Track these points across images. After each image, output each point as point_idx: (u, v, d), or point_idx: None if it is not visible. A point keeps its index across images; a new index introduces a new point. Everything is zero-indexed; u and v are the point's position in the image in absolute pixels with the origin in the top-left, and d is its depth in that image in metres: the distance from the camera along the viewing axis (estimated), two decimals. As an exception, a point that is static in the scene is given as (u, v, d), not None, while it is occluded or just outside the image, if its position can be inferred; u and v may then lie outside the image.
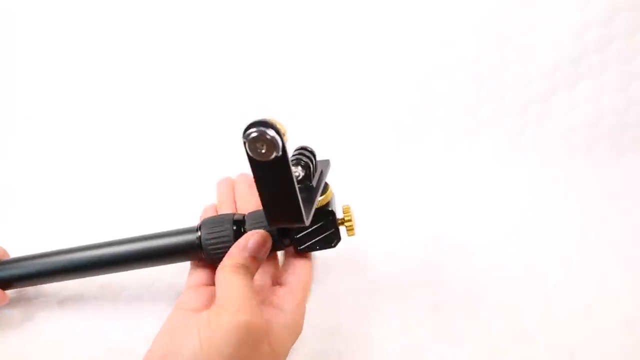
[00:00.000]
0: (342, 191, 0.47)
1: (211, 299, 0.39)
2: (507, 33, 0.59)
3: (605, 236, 0.54)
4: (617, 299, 0.48)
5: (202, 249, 0.41)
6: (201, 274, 0.42)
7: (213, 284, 0.40)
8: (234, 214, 0.42)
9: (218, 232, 0.40)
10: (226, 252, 0.40)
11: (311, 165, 0.38)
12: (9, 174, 0.59)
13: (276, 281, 0.42)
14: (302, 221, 0.33)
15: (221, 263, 0.38)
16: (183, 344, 0.33)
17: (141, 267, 0.43)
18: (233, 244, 0.39)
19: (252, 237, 0.38)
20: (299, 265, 0.41)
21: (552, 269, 0.51)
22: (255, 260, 0.38)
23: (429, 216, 0.57)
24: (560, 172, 0.60)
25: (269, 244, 0.39)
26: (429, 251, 0.53)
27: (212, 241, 0.40)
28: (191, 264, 0.44)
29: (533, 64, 0.59)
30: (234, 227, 0.40)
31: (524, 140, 0.61)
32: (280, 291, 0.40)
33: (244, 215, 0.42)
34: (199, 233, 0.41)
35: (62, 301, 0.48)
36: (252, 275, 0.38)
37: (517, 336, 0.46)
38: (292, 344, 0.37)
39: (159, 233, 0.43)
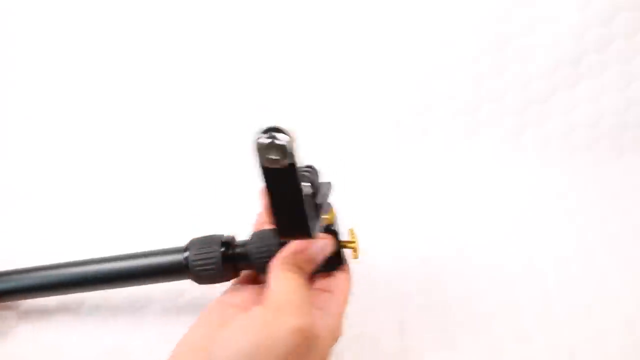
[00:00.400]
0: (341, 191, 0.47)
1: (256, 298, 0.38)
2: (507, 33, 0.59)
3: (605, 236, 0.54)
4: (617, 299, 0.48)
5: (189, 269, 0.40)
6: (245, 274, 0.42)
7: (255, 282, 0.40)
8: (222, 235, 0.41)
9: (205, 252, 0.40)
10: (212, 273, 0.39)
11: (316, 184, 0.38)
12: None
13: (315, 287, 0.41)
14: (309, 234, 0.33)
15: (276, 258, 0.36)
16: (229, 341, 0.32)
17: (128, 286, 0.43)
18: (221, 265, 0.39)
19: (320, 241, 0.37)
20: (339, 275, 0.40)
21: (552, 269, 0.51)
22: (310, 263, 0.37)
23: (428, 216, 0.57)
24: (560, 172, 0.60)
25: (329, 249, 0.38)
26: (429, 251, 0.53)
27: (199, 262, 0.40)
28: None
29: (533, 64, 0.59)
30: (222, 249, 0.40)
31: (524, 140, 0.61)
32: (324, 296, 0.39)
33: (233, 237, 0.41)
34: (187, 253, 0.40)
35: (59, 304, 0.48)
36: (307, 277, 0.36)
37: (517, 336, 0.46)
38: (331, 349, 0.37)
39: (146, 252, 0.42)
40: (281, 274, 0.35)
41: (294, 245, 0.36)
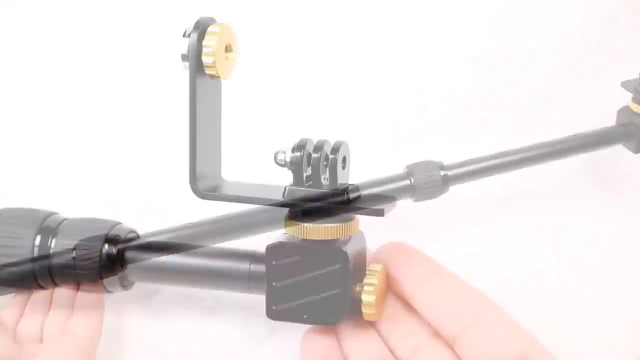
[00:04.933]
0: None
1: None
2: (507, 33, 0.59)
3: (606, 236, 0.54)
4: (621, 300, 0.49)
5: None
6: None
7: None
8: None
9: None
10: None
11: None
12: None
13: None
14: None
15: None
16: None
17: None
18: None
19: None
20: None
21: (554, 269, 0.51)
22: None
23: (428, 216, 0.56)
24: (560, 172, 0.60)
25: None
26: (428, 253, 0.53)
27: None
28: None
29: (534, 64, 0.59)
30: None
31: (524, 141, 0.61)
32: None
33: None
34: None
35: None
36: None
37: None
38: None
39: None
40: None
41: None
